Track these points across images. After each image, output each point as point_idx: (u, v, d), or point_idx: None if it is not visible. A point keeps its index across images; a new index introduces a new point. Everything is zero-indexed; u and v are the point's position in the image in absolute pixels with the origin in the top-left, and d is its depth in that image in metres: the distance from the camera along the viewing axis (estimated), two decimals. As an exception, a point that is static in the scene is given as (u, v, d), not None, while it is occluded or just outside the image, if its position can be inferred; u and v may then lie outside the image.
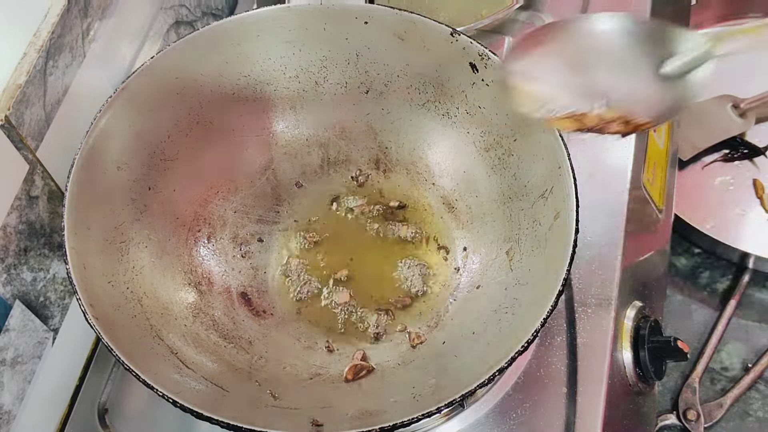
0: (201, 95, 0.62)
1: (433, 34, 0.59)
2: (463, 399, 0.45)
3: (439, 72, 0.61)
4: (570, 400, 0.57)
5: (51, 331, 0.61)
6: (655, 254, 0.73)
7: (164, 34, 0.74)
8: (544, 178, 0.55)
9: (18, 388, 0.58)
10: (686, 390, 0.81)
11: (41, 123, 0.57)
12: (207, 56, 0.61)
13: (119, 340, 0.47)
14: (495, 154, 0.61)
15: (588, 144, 0.69)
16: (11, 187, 0.55)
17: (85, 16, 0.61)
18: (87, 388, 0.63)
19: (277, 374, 0.56)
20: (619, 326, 0.61)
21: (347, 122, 0.67)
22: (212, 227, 0.64)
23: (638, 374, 0.61)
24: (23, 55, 0.55)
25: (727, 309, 0.87)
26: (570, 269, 0.48)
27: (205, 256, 0.62)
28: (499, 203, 0.60)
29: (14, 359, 0.57)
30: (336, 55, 0.64)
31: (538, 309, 0.47)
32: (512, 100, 0.46)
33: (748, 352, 0.85)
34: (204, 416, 0.44)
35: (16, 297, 0.56)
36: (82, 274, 0.49)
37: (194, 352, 0.54)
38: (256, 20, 0.61)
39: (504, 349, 0.47)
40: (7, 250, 0.55)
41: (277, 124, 0.67)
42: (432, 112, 0.64)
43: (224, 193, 0.65)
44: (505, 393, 0.58)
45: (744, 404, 0.82)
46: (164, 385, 0.45)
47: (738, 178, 0.93)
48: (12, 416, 0.57)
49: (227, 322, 0.59)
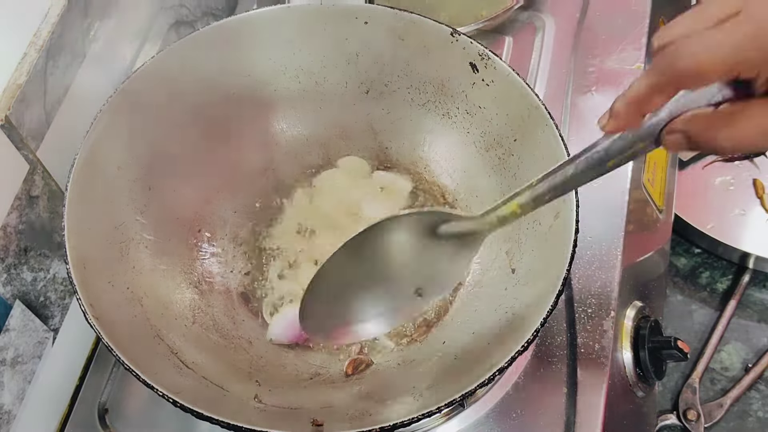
0: (201, 95, 0.62)
1: (433, 34, 0.59)
2: (463, 399, 0.45)
3: (439, 72, 0.61)
4: (570, 400, 0.57)
5: (51, 331, 0.61)
6: (655, 254, 0.73)
7: (164, 34, 0.74)
8: (544, 178, 0.55)
9: (18, 388, 0.58)
10: (686, 390, 0.81)
11: (41, 123, 0.57)
12: (207, 56, 0.61)
13: (119, 340, 0.47)
14: (495, 154, 0.61)
15: (588, 144, 0.69)
16: (11, 187, 0.55)
17: (85, 16, 0.61)
18: (87, 388, 0.63)
19: (277, 374, 0.56)
20: (619, 326, 0.61)
21: (347, 122, 0.67)
22: (212, 227, 0.64)
23: (638, 374, 0.61)
24: (23, 55, 0.55)
25: (727, 309, 0.87)
26: (570, 269, 0.48)
27: (205, 256, 0.62)
28: (499, 203, 0.60)
29: (14, 359, 0.57)
30: (336, 55, 0.64)
31: (538, 309, 0.47)
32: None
33: (748, 352, 0.85)
34: (204, 416, 0.44)
35: (17, 297, 0.56)
36: (82, 274, 0.49)
37: (194, 352, 0.54)
38: (256, 20, 0.61)
39: (504, 349, 0.47)
40: (8, 250, 0.55)
41: (277, 124, 0.67)
42: (432, 112, 0.64)
43: (224, 193, 0.65)
44: (505, 393, 0.58)
45: (744, 404, 0.82)
46: (164, 385, 0.45)
47: (738, 178, 0.92)
48: (12, 416, 0.57)
49: (227, 322, 0.59)
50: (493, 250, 0.60)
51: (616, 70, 0.75)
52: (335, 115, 0.67)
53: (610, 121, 0.36)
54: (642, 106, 0.35)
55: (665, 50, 0.33)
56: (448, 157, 0.65)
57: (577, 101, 0.73)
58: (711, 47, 0.32)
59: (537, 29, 0.80)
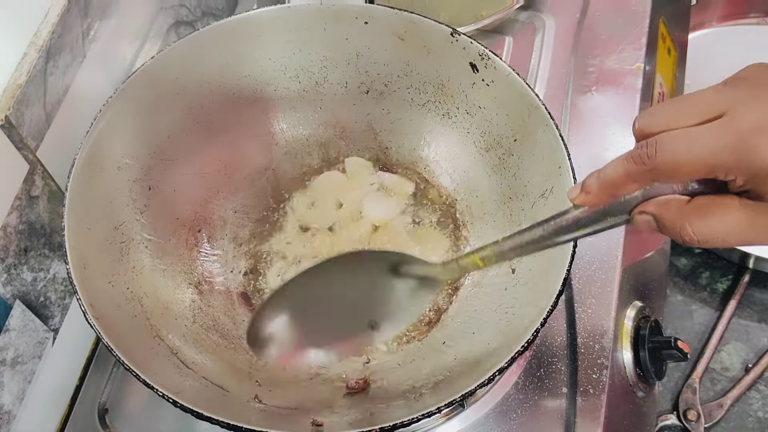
0: (201, 95, 0.62)
1: (433, 34, 0.59)
2: (463, 399, 0.45)
3: (439, 72, 0.61)
4: (570, 400, 0.57)
5: (51, 331, 0.61)
6: (655, 254, 0.73)
7: (164, 34, 0.74)
8: (544, 178, 0.55)
9: (18, 388, 0.58)
10: (686, 390, 0.81)
11: (41, 123, 0.57)
12: (207, 56, 0.61)
13: (119, 340, 0.47)
14: (495, 154, 0.61)
15: (588, 144, 0.69)
16: (11, 187, 0.55)
17: (85, 16, 0.61)
18: (87, 388, 0.63)
19: (277, 374, 0.56)
20: (619, 326, 0.61)
21: (347, 122, 0.67)
22: (212, 227, 0.64)
23: (638, 374, 0.61)
24: (23, 55, 0.55)
25: (727, 309, 0.87)
26: (570, 269, 0.48)
27: (205, 256, 0.62)
28: (500, 203, 0.60)
29: (14, 359, 0.57)
30: (336, 55, 0.64)
31: (538, 309, 0.47)
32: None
33: (748, 352, 0.85)
34: (204, 416, 0.44)
35: (17, 297, 0.56)
36: (82, 274, 0.49)
37: (194, 352, 0.54)
38: (256, 20, 0.61)
39: (504, 349, 0.47)
40: (8, 250, 0.55)
41: (277, 124, 0.67)
42: (432, 112, 0.64)
43: (224, 193, 0.65)
44: (505, 393, 0.58)
45: (744, 404, 0.82)
46: (164, 385, 0.45)
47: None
48: (12, 416, 0.57)
49: (227, 322, 0.59)
50: (493, 250, 0.60)
51: (616, 70, 0.75)
52: (335, 115, 0.67)
53: (580, 195, 0.37)
54: (615, 189, 0.36)
55: (647, 141, 0.34)
56: (448, 157, 0.65)
57: (577, 101, 0.73)
58: (691, 148, 0.33)
59: (537, 29, 0.80)
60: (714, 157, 0.32)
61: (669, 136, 0.33)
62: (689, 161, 0.33)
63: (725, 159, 0.32)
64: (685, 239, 0.34)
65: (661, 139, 0.33)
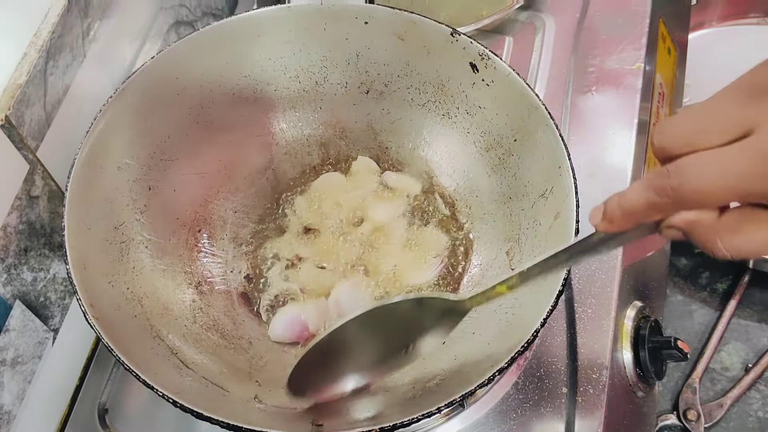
0: (201, 95, 0.62)
1: (433, 34, 0.59)
2: (463, 399, 0.45)
3: (439, 72, 0.61)
4: (570, 400, 0.57)
5: (51, 331, 0.61)
6: (655, 254, 0.73)
7: (164, 34, 0.74)
8: (544, 178, 0.55)
9: (18, 388, 0.58)
10: (686, 390, 0.81)
11: (41, 123, 0.57)
12: (207, 56, 0.61)
13: (119, 340, 0.47)
14: (495, 154, 0.61)
15: (588, 144, 0.69)
16: (11, 187, 0.55)
17: (85, 16, 0.61)
18: (87, 388, 0.63)
19: (277, 374, 0.56)
20: (619, 326, 0.61)
21: (347, 122, 0.67)
22: (212, 227, 0.64)
23: (638, 374, 0.61)
24: (24, 55, 0.55)
25: (727, 309, 0.87)
26: (570, 269, 0.48)
27: (205, 256, 0.62)
28: (500, 203, 0.60)
29: (14, 359, 0.57)
30: (336, 55, 0.64)
31: (538, 309, 0.47)
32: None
33: (748, 352, 0.85)
34: (204, 416, 0.44)
35: (17, 297, 0.56)
36: (82, 274, 0.49)
37: (194, 352, 0.54)
38: (256, 20, 0.61)
39: (504, 349, 0.47)
40: (8, 250, 0.55)
41: (277, 124, 0.67)
42: (432, 112, 0.64)
43: (224, 193, 0.65)
44: (505, 393, 0.58)
45: (744, 404, 0.82)
46: (164, 385, 0.45)
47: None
48: (12, 416, 0.57)
49: (227, 322, 0.59)
50: (493, 250, 0.60)
51: (616, 70, 0.75)
52: (335, 115, 0.67)
53: (603, 222, 0.36)
54: (639, 219, 0.35)
55: (669, 170, 0.32)
56: (448, 157, 0.65)
57: (577, 101, 0.73)
58: (719, 175, 0.31)
59: (537, 29, 0.80)
60: (746, 186, 0.30)
61: (693, 166, 0.31)
62: (717, 191, 0.31)
63: (759, 187, 0.30)
64: (717, 255, 0.33)
65: (684, 169, 0.31)
